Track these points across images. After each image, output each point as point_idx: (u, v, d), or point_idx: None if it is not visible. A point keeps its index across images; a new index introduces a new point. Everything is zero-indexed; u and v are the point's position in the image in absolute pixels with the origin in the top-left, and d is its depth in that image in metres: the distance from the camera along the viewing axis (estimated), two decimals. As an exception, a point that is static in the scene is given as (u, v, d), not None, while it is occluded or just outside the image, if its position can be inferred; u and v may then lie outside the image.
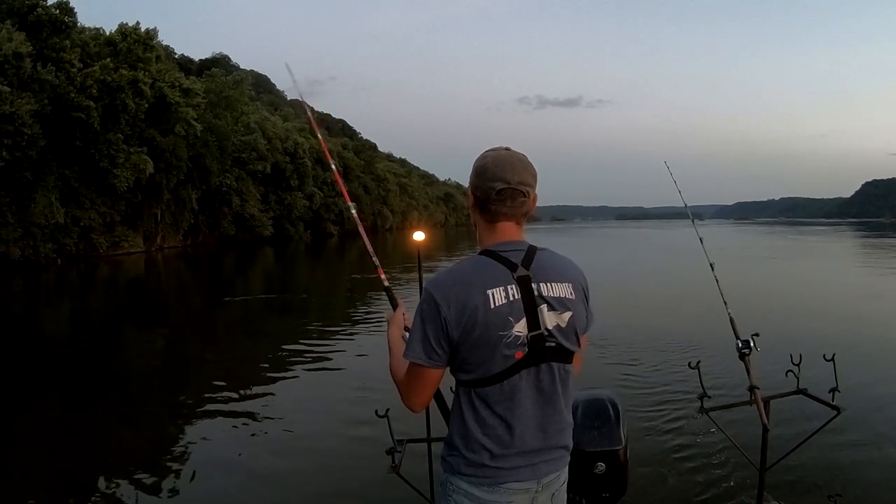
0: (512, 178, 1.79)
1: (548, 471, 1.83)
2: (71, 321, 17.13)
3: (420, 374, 1.81)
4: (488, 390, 1.76)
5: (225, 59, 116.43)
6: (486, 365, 1.74)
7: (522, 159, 1.84)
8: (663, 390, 7.33)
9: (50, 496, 5.37)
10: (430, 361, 1.76)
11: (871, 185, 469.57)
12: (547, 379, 1.80)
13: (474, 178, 1.86)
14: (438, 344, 1.74)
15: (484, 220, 1.88)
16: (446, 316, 1.71)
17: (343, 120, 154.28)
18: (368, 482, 4.98)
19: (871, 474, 4.97)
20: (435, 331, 1.73)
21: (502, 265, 1.78)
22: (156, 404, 8.18)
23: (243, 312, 17.50)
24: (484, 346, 1.73)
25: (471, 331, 1.71)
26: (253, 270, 33.46)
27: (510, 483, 1.77)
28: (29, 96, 33.26)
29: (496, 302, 1.72)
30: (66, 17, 39.26)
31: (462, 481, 1.80)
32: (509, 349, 1.73)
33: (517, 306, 1.74)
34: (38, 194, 34.67)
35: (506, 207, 1.83)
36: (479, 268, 1.79)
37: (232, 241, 58.53)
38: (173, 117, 44.90)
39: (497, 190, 1.80)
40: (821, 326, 11.50)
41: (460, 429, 1.81)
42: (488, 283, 1.74)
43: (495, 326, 1.72)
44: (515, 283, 1.76)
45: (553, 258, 1.88)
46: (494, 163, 1.82)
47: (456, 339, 1.73)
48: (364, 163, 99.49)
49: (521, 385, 1.76)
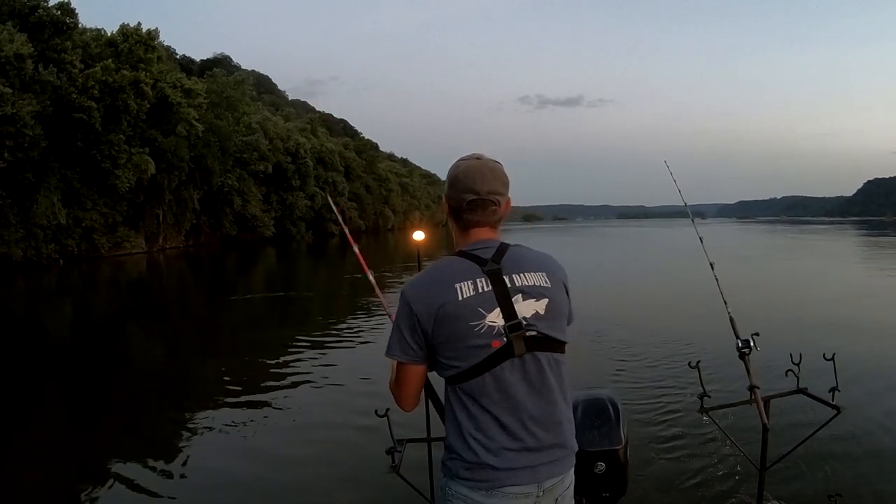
0: (482, 188, 1.84)
1: (550, 474, 1.80)
2: (73, 322, 17.14)
3: (401, 372, 1.87)
4: (473, 384, 1.76)
5: (226, 60, 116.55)
6: (464, 357, 1.76)
7: (493, 168, 1.87)
8: (663, 390, 7.32)
9: (51, 496, 5.38)
10: (406, 357, 1.82)
11: (872, 183, 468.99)
12: (534, 370, 1.79)
13: (447, 188, 1.91)
14: (413, 339, 1.79)
15: (458, 227, 1.94)
16: (417, 312, 1.77)
17: (344, 120, 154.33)
18: (368, 482, 4.98)
19: (872, 474, 4.96)
20: (409, 328, 1.79)
21: (471, 261, 1.82)
22: (157, 405, 8.21)
23: (245, 312, 17.51)
24: (457, 338, 1.75)
25: (442, 324, 1.75)
26: (255, 270, 33.51)
27: (509, 487, 1.75)
28: (30, 97, 33.30)
29: (464, 294, 1.76)
30: (68, 18, 39.29)
31: (461, 486, 1.78)
32: (483, 339, 1.75)
33: (487, 297, 1.77)
34: (40, 195, 34.70)
35: (477, 216, 1.88)
36: (448, 265, 1.84)
37: (234, 241, 58.59)
38: (175, 118, 44.97)
39: (468, 201, 1.85)
40: (821, 326, 11.49)
41: (454, 429, 1.82)
42: (456, 277, 1.79)
43: (465, 318, 1.74)
44: (485, 275, 1.79)
45: (526, 251, 1.91)
46: (465, 174, 1.86)
47: (430, 333, 1.77)
48: (366, 163, 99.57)
49: (505, 376, 1.76)
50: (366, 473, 5.16)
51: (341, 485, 5.20)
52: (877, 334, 10.88)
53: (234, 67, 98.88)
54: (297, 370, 9.47)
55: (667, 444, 5.65)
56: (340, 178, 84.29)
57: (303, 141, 73.48)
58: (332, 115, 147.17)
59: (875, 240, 53.64)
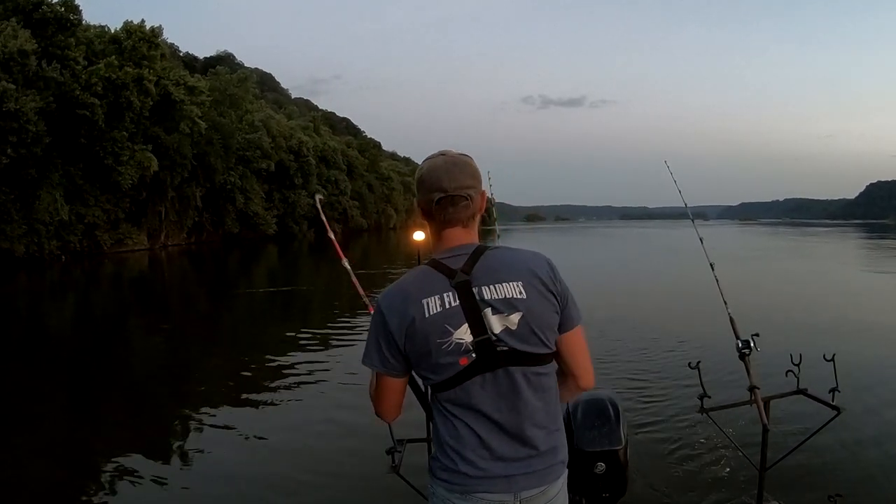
0: (448, 185, 1.77)
1: (527, 485, 1.74)
2: (75, 318, 17.16)
3: (381, 383, 1.83)
4: (446, 395, 1.75)
5: (230, 58, 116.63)
6: (435, 373, 1.74)
7: (458, 162, 1.81)
8: (663, 390, 7.31)
9: (53, 492, 5.39)
10: (386, 370, 1.78)
11: (875, 186, 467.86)
12: (506, 384, 1.73)
13: (417, 190, 1.85)
14: (391, 353, 1.75)
15: (432, 229, 1.87)
16: (391, 327, 1.73)
17: (347, 118, 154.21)
18: (368, 482, 4.98)
19: (872, 474, 4.96)
20: (385, 341, 1.75)
21: (440, 273, 1.75)
22: (159, 401, 8.22)
23: (247, 309, 17.52)
24: (426, 354, 1.71)
25: (412, 340, 1.71)
26: (257, 267, 33.53)
27: (483, 493, 1.73)
28: (34, 94, 33.37)
29: (430, 311, 1.70)
30: (72, 14, 39.39)
31: (439, 486, 1.78)
32: (451, 356, 1.70)
33: (454, 312, 1.70)
34: (43, 191, 34.79)
35: (448, 215, 1.80)
36: (418, 278, 1.78)
37: (236, 238, 58.68)
38: (178, 115, 45.04)
39: (436, 200, 1.78)
40: (821, 327, 11.47)
41: (435, 433, 1.83)
42: (424, 292, 1.73)
43: (432, 335, 1.70)
44: (453, 289, 1.72)
45: (502, 256, 1.81)
46: (429, 173, 1.80)
47: (403, 349, 1.73)
48: (368, 161, 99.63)
49: (474, 391, 1.72)
50: (366, 473, 5.16)
51: (341, 485, 5.20)
52: (877, 335, 10.88)
53: (237, 65, 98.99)
54: (298, 368, 9.48)
55: (667, 444, 5.64)
56: (343, 176, 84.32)
57: (305, 139, 73.53)
58: (334, 114, 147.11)
59: (876, 242, 53.58)
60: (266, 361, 10.07)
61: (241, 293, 21.05)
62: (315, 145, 76.58)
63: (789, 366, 3.40)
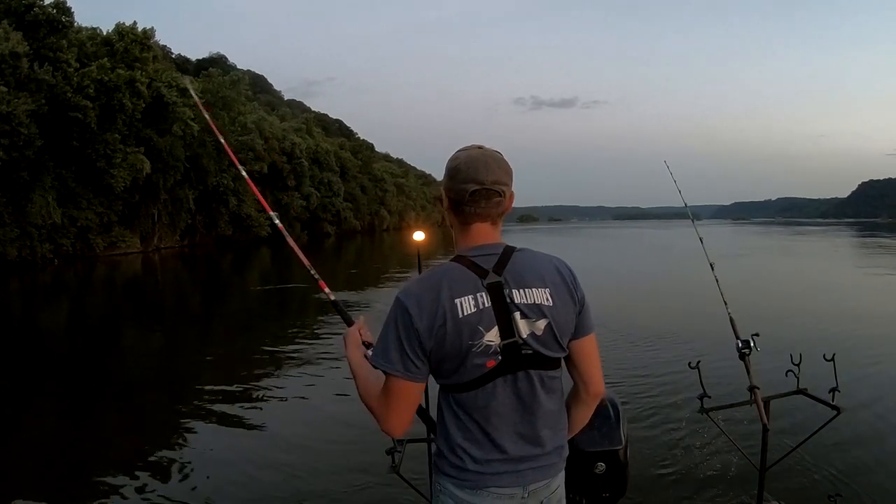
0: (486, 178, 1.74)
1: (535, 478, 1.78)
2: (68, 322, 17.09)
3: (400, 389, 1.73)
4: (464, 397, 1.73)
5: (222, 59, 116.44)
6: (459, 373, 1.71)
7: (496, 157, 1.78)
8: (663, 390, 7.33)
9: (46, 495, 5.36)
10: (409, 374, 1.70)
11: (867, 185, 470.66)
12: (525, 386, 1.75)
13: (447, 179, 1.80)
14: (416, 355, 1.69)
15: (458, 222, 1.82)
16: (419, 327, 1.67)
17: (340, 120, 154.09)
18: (368, 482, 4.98)
19: (872, 474, 4.97)
20: (410, 342, 1.68)
21: (473, 272, 1.73)
22: (153, 404, 8.18)
23: (240, 311, 17.48)
24: (454, 355, 1.69)
25: (442, 341, 1.67)
26: (250, 269, 33.48)
27: (493, 487, 1.74)
28: (26, 96, 33.23)
29: (464, 311, 1.67)
30: (63, 16, 39.25)
31: (448, 482, 1.78)
32: (480, 358, 1.69)
33: (487, 315, 1.69)
34: (35, 194, 34.62)
35: (480, 208, 1.77)
36: (448, 275, 1.73)
37: (229, 241, 58.55)
38: (170, 117, 44.90)
39: (471, 191, 1.74)
40: (820, 326, 11.51)
41: (443, 432, 1.79)
42: (457, 291, 1.69)
43: (465, 336, 1.67)
44: (485, 290, 1.71)
45: (531, 260, 1.81)
46: (467, 164, 1.75)
47: (429, 350, 1.68)
48: (361, 163, 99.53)
49: (496, 393, 1.72)
50: (366, 473, 5.16)
51: (341, 485, 5.18)
52: (876, 334, 10.92)
53: (229, 67, 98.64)
54: (295, 369, 9.46)
55: (667, 444, 5.66)
56: (336, 178, 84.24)
57: (298, 141, 73.45)
58: (327, 116, 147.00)
59: (865, 240, 53.92)
60: (261, 362, 10.05)
61: (235, 294, 20.99)
62: (308, 147, 76.50)
63: (789, 366, 3.39)
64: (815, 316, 13.04)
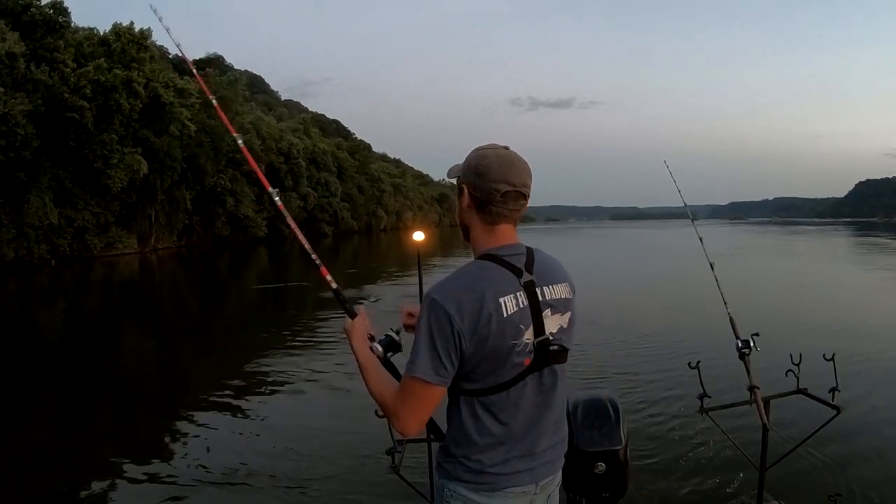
0: (516, 180, 1.74)
1: (545, 473, 1.82)
2: (65, 322, 17.05)
3: (423, 393, 1.68)
4: (494, 398, 1.72)
5: (219, 60, 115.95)
6: (497, 374, 1.70)
7: (523, 160, 1.79)
8: (663, 390, 7.33)
9: (42, 496, 5.34)
10: (439, 378, 1.66)
11: (864, 185, 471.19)
12: (549, 381, 1.79)
13: (474, 177, 1.75)
14: (448, 359, 1.65)
15: (482, 221, 1.79)
16: (459, 328, 1.63)
17: (337, 120, 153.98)
18: (368, 482, 4.98)
19: (871, 474, 4.97)
20: (445, 344, 1.64)
21: (509, 271, 1.72)
22: (151, 404, 8.16)
23: (238, 309, 17.46)
24: (496, 356, 1.67)
25: (484, 342, 1.65)
26: (248, 269, 33.43)
27: (510, 487, 1.75)
28: (22, 96, 33.15)
29: (508, 310, 1.67)
30: (60, 16, 39.15)
31: (461, 486, 1.76)
32: (519, 357, 1.70)
33: (526, 313, 1.70)
34: (32, 195, 34.55)
35: (507, 210, 1.76)
36: (487, 275, 1.71)
37: (226, 241, 58.51)
38: (167, 117, 44.84)
39: (502, 192, 1.73)
40: (820, 325, 11.51)
41: (459, 437, 1.76)
42: (499, 290, 1.68)
43: (508, 336, 1.67)
44: (523, 289, 1.72)
45: (549, 259, 1.86)
46: (499, 163, 1.74)
47: (469, 352, 1.65)
48: (358, 163, 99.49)
49: (525, 391, 1.74)
50: (366, 473, 5.16)
51: (341, 485, 5.18)
52: (876, 334, 10.94)
53: (227, 67, 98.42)
54: (294, 368, 9.42)
55: (667, 444, 5.66)
56: (333, 178, 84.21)
57: (295, 141, 73.46)
58: (324, 116, 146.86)
59: (861, 239, 54.07)
60: (260, 362, 10.01)
61: (232, 294, 20.97)
62: (305, 147, 76.49)
63: (789, 365, 3.39)
64: (814, 315, 13.06)
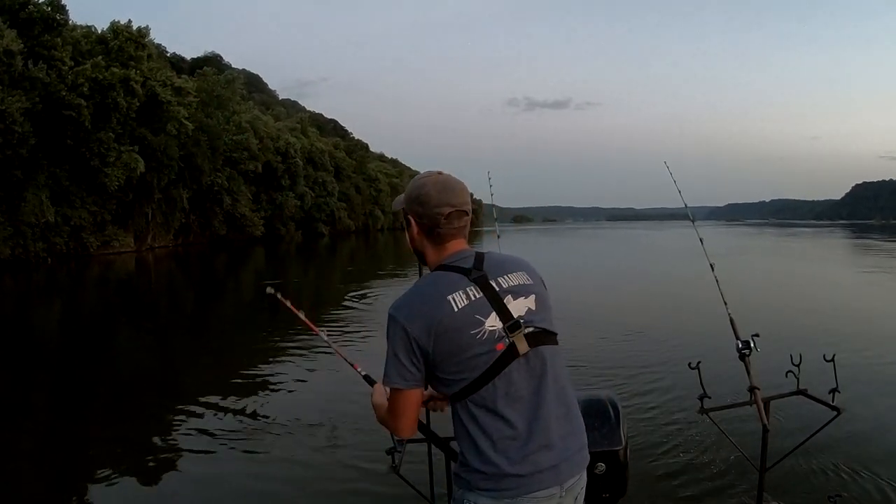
0: (456, 200, 1.87)
1: (570, 473, 1.81)
2: (61, 321, 17.01)
3: (399, 398, 1.82)
4: (483, 393, 1.75)
5: (217, 58, 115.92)
6: (471, 367, 1.75)
7: (458, 181, 1.93)
8: (663, 390, 7.32)
9: (39, 494, 5.33)
10: (407, 383, 1.78)
11: (861, 187, 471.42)
12: (539, 364, 1.80)
13: (418, 206, 1.89)
14: (411, 363, 1.77)
15: (433, 244, 1.93)
16: (413, 334, 1.75)
17: (335, 120, 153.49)
18: (368, 482, 4.96)
19: (871, 475, 4.96)
20: (406, 351, 1.76)
21: (456, 273, 1.84)
22: (148, 404, 8.12)
23: (234, 308, 17.43)
24: (460, 350, 1.75)
25: (442, 339, 1.74)
26: (245, 269, 33.40)
27: (534, 492, 1.74)
28: (20, 94, 33.13)
29: (458, 305, 1.76)
30: (58, 14, 39.15)
31: (482, 496, 1.75)
32: (487, 345, 1.75)
33: (482, 303, 1.78)
34: (29, 193, 34.53)
35: (453, 228, 1.89)
36: (434, 281, 1.85)
37: (223, 240, 58.49)
38: (165, 116, 44.83)
39: (446, 214, 1.86)
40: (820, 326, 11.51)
41: (468, 446, 1.78)
42: (447, 291, 1.79)
43: (465, 328, 1.75)
44: (473, 283, 1.81)
45: (502, 256, 1.96)
46: (437, 189, 1.87)
47: (430, 353, 1.75)
48: (356, 163, 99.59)
49: (513, 378, 1.76)
50: (366, 473, 5.14)
51: (341, 485, 5.17)
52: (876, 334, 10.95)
53: (224, 66, 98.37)
54: (292, 368, 9.40)
55: (667, 444, 5.65)
56: (330, 177, 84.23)
57: (293, 140, 73.40)
58: (322, 115, 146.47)
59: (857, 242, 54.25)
60: (258, 361, 9.98)
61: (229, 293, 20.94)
62: (302, 147, 76.45)
63: (789, 366, 3.39)
64: (814, 316, 13.07)
